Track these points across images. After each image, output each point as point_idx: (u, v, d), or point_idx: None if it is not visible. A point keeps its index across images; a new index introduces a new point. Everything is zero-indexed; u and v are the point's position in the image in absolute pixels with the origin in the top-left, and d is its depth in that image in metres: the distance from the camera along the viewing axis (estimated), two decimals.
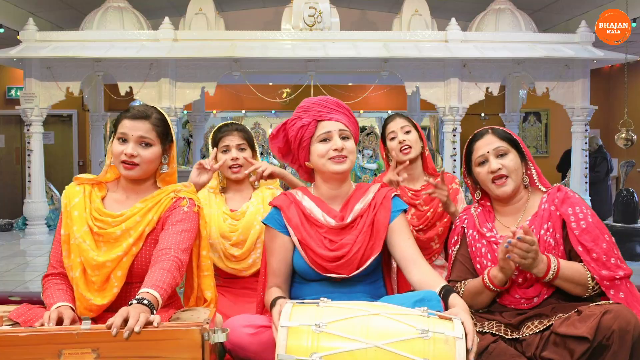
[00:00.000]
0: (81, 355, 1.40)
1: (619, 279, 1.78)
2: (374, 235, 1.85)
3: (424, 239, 2.46)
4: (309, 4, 6.83)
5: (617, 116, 8.72)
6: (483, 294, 1.89)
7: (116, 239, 1.78)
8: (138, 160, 1.80)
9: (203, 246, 1.89)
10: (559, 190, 1.93)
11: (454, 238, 2.07)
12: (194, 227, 1.82)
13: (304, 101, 1.91)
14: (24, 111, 6.73)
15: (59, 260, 1.82)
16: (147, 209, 1.81)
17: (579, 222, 1.83)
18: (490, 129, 1.99)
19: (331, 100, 1.90)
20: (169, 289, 1.62)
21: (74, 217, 1.80)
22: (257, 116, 10.42)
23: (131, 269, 1.78)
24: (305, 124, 1.87)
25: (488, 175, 1.93)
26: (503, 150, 1.93)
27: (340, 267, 1.82)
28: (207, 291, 1.88)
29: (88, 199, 1.83)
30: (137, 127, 1.81)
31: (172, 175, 1.92)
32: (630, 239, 5.65)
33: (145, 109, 1.85)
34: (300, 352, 1.40)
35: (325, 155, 1.83)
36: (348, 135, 1.86)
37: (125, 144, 1.80)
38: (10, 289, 4.57)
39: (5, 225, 7.92)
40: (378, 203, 1.88)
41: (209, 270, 1.90)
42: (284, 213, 1.88)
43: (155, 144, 1.83)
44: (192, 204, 1.85)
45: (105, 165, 1.89)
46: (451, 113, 6.85)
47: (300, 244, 1.84)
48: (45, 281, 1.83)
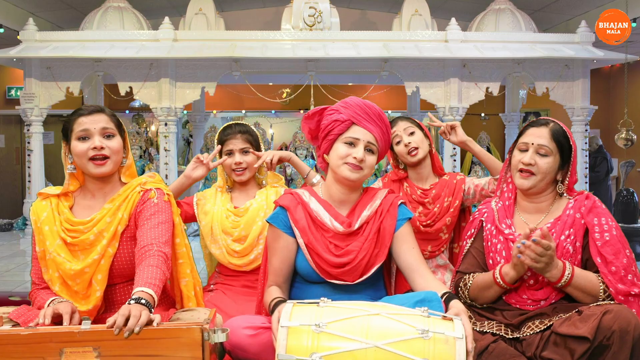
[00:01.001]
0: (82, 353, 1.41)
1: (633, 295, 1.77)
2: (380, 242, 1.84)
3: (432, 231, 2.47)
4: (309, 4, 6.83)
5: (617, 116, 8.72)
6: (491, 289, 1.88)
7: (91, 244, 1.77)
8: (107, 152, 1.79)
9: (177, 234, 1.86)
10: (587, 198, 1.91)
11: (471, 230, 2.06)
12: (169, 218, 1.81)
13: (349, 98, 1.88)
14: (24, 111, 6.73)
15: (40, 277, 1.82)
16: (115, 207, 1.80)
17: (602, 233, 1.82)
18: (552, 122, 1.94)
19: (375, 110, 1.85)
20: (161, 285, 1.62)
21: (46, 232, 1.79)
22: (257, 116, 10.41)
23: (111, 270, 1.77)
24: (340, 119, 1.83)
25: (518, 164, 1.92)
26: (545, 151, 1.89)
27: (344, 274, 1.81)
28: (182, 279, 1.85)
29: (56, 211, 1.82)
30: (97, 119, 1.80)
31: (132, 166, 1.91)
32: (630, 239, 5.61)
33: (95, 105, 1.87)
34: (300, 352, 1.40)
35: (343, 158, 1.81)
36: (374, 150, 1.83)
37: (89, 140, 1.79)
38: (10, 289, 4.56)
39: (5, 225, 7.92)
40: (385, 210, 1.87)
41: (184, 258, 1.87)
42: (291, 214, 1.86)
43: (116, 135, 1.84)
44: (160, 194, 1.84)
45: (66, 178, 1.86)
46: (451, 113, 6.85)
47: (307, 248, 1.83)
48: (32, 294, 1.83)
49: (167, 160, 6.79)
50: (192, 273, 1.88)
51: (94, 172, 1.80)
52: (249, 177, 2.47)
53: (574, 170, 1.94)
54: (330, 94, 6.83)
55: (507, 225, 1.95)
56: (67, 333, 1.43)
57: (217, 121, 10.20)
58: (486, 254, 1.98)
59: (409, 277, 1.83)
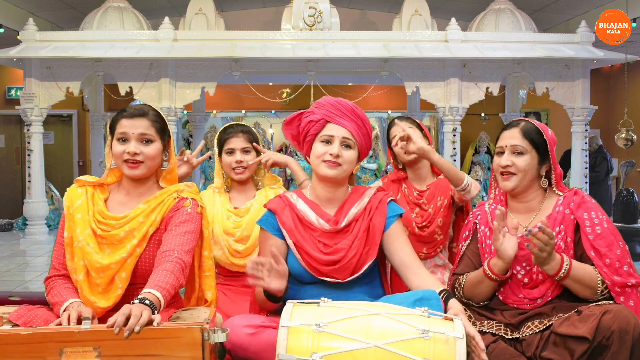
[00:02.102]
0: (83, 353, 1.41)
1: (630, 286, 1.77)
2: (370, 240, 1.85)
3: (426, 233, 2.47)
4: (309, 4, 6.83)
5: (617, 116, 8.72)
6: (483, 283, 1.89)
7: (120, 241, 1.78)
8: (142, 158, 1.80)
9: (205, 246, 1.89)
10: (575, 194, 1.92)
11: (465, 233, 2.08)
12: (197, 228, 1.82)
13: (322, 98, 1.91)
14: (24, 111, 6.73)
15: (61, 263, 1.81)
16: (150, 209, 1.81)
17: (594, 227, 1.83)
18: (523, 122, 1.97)
19: (347, 106, 1.87)
20: (172, 290, 1.63)
21: (77, 220, 1.79)
22: (257, 116, 10.42)
23: (135, 270, 1.78)
24: (314, 119, 1.86)
25: (498, 167, 1.96)
26: (520, 150, 1.92)
27: (335, 272, 1.82)
28: (208, 291, 1.89)
29: (91, 201, 1.83)
30: (137, 124, 1.81)
31: (172, 171, 1.92)
32: (630, 239, 5.66)
33: (142, 107, 1.86)
34: (300, 351, 1.40)
35: (320, 157, 1.84)
36: (351, 144, 1.84)
37: (126, 143, 1.80)
38: (10, 289, 4.56)
39: (5, 225, 7.92)
40: (374, 208, 1.88)
41: (210, 271, 1.90)
42: (278, 216, 1.89)
43: (155, 140, 1.84)
44: (195, 205, 1.85)
45: (106, 169, 1.89)
46: (451, 113, 6.85)
47: (295, 247, 1.84)
48: (49, 282, 1.81)
49: None
50: (215, 285, 1.92)
51: (127, 174, 1.83)
52: (248, 177, 2.48)
53: (555, 164, 1.96)
54: (330, 94, 6.79)
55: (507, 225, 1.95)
56: (67, 333, 1.43)
57: (217, 121, 10.20)
58: (481, 255, 1.99)
59: (403, 274, 1.83)
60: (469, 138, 9.06)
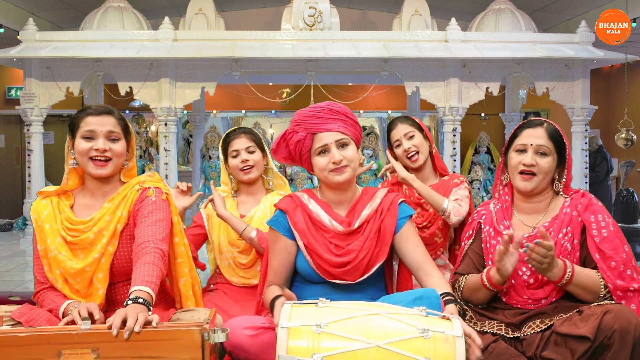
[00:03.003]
0: (81, 355, 1.40)
1: (632, 290, 1.77)
2: (380, 241, 1.84)
3: (427, 235, 2.46)
4: (309, 4, 6.83)
5: (617, 116, 8.72)
6: (480, 291, 1.89)
7: (91, 243, 1.77)
8: (110, 154, 1.79)
9: (175, 233, 1.87)
10: (583, 196, 1.91)
11: (469, 232, 2.06)
12: (167, 216, 1.81)
13: (297, 113, 1.87)
14: (24, 111, 6.73)
15: (44, 276, 1.81)
16: (114, 206, 1.80)
17: (600, 229, 1.83)
18: (546, 122, 1.94)
19: (323, 109, 1.84)
20: (158, 282, 1.62)
21: (46, 231, 1.79)
22: (257, 116, 10.40)
23: (112, 269, 1.77)
24: (301, 138, 1.84)
25: (519, 166, 1.91)
26: (544, 150, 1.89)
27: (346, 273, 1.82)
28: (182, 278, 1.86)
29: (57, 210, 1.82)
30: (104, 122, 1.80)
31: (133, 168, 1.92)
32: (630, 239, 5.61)
33: (106, 106, 1.86)
34: (301, 352, 1.40)
35: (325, 169, 1.82)
36: (347, 141, 1.83)
37: (93, 141, 1.79)
38: (10, 289, 4.56)
39: (5, 225, 7.92)
40: (385, 209, 1.87)
41: (182, 257, 1.87)
42: (290, 217, 1.87)
43: (121, 138, 1.84)
44: (159, 193, 1.84)
45: (65, 173, 1.86)
46: (451, 113, 6.85)
47: (307, 249, 1.83)
48: (38, 296, 1.82)
49: (167, 160, 6.79)
50: (190, 272, 1.88)
51: (93, 173, 1.80)
52: (257, 176, 2.44)
53: (570, 169, 1.95)
54: (330, 94, 6.83)
55: (505, 227, 1.95)
56: (66, 335, 1.42)
57: (217, 121, 10.19)
58: (485, 256, 1.98)
59: (416, 275, 1.85)
60: (469, 138, 9.05)
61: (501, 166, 2.05)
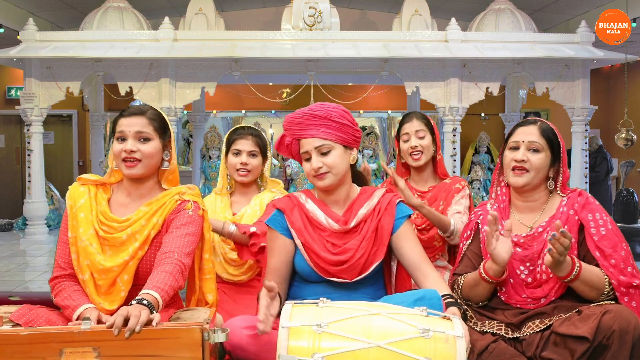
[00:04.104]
0: (82, 354, 1.40)
1: (634, 286, 1.77)
2: (378, 241, 1.85)
3: (426, 238, 2.46)
4: (309, 4, 6.83)
5: (617, 116, 8.72)
6: (480, 285, 1.89)
7: (122, 243, 1.77)
8: (139, 156, 1.78)
9: (206, 249, 1.88)
10: (579, 195, 1.92)
11: (467, 232, 2.07)
12: (198, 231, 1.81)
13: (285, 117, 1.90)
14: (24, 111, 6.73)
15: (67, 262, 1.79)
16: (152, 212, 1.80)
17: (598, 228, 1.83)
18: (540, 121, 1.97)
19: (305, 115, 1.84)
20: (170, 291, 1.62)
21: (80, 219, 1.78)
22: (257, 116, 10.41)
23: (137, 272, 1.77)
24: (288, 142, 1.90)
25: (511, 162, 1.94)
26: (536, 147, 1.91)
27: (343, 272, 1.82)
28: (209, 294, 1.88)
29: (94, 200, 1.82)
30: (134, 122, 1.80)
31: (174, 172, 1.90)
32: (630, 239, 5.61)
33: (140, 106, 1.86)
34: (301, 352, 1.40)
35: (309, 174, 1.85)
36: (328, 148, 1.82)
37: (124, 142, 1.79)
38: (10, 289, 4.56)
39: (5, 225, 7.92)
40: (382, 208, 1.87)
41: (211, 274, 1.89)
42: (288, 216, 1.88)
43: (153, 138, 1.82)
44: (196, 207, 1.84)
45: (109, 169, 1.89)
46: (451, 113, 6.85)
47: (304, 247, 1.84)
48: (55, 283, 1.79)
49: None
50: (215, 288, 1.91)
51: (125, 173, 1.81)
52: (251, 180, 2.47)
53: (565, 167, 1.96)
54: (330, 94, 6.83)
55: (502, 226, 1.95)
56: (67, 333, 1.42)
57: (217, 121, 10.20)
58: (484, 256, 1.98)
59: (413, 275, 1.85)
60: (469, 138, 9.06)
61: (498, 167, 2.07)
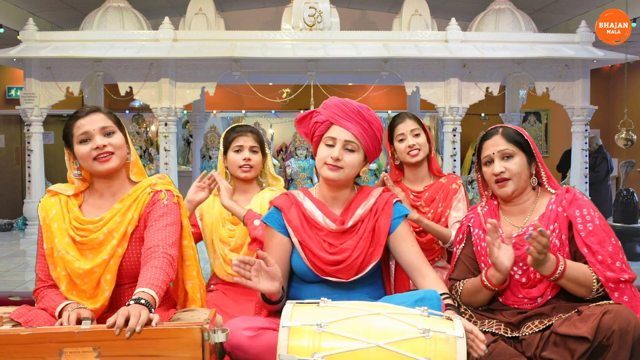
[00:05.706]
0: (82, 353, 1.41)
1: (623, 281, 1.78)
2: (375, 241, 1.85)
3: (425, 240, 2.46)
4: (309, 4, 6.83)
5: (617, 116, 8.72)
6: (481, 292, 1.89)
7: (100, 244, 1.76)
8: (111, 149, 1.78)
9: (184, 236, 1.86)
10: (567, 191, 1.93)
11: (459, 236, 2.08)
12: (177, 219, 1.81)
13: (330, 98, 1.89)
14: (24, 111, 6.72)
15: (47, 274, 1.80)
16: (126, 208, 1.80)
17: (585, 224, 1.84)
18: (501, 128, 1.99)
19: (352, 107, 1.84)
20: (164, 286, 1.62)
21: (54, 230, 1.78)
22: (257, 116, 10.40)
23: (120, 270, 1.77)
24: (319, 121, 1.86)
25: (492, 177, 1.96)
26: (508, 153, 1.93)
27: (339, 272, 1.82)
28: (189, 281, 1.86)
29: (65, 209, 1.81)
30: (95, 119, 1.79)
31: (137, 163, 1.90)
32: (630, 239, 5.64)
33: (90, 106, 1.86)
34: (302, 352, 1.40)
35: (323, 160, 1.83)
36: (355, 148, 1.83)
37: (90, 142, 1.78)
38: (10, 289, 4.56)
39: (5, 225, 7.91)
40: (379, 208, 1.87)
41: (191, 260, 1.87)
42: (285, 214, 1.88)
43: (116, 131, 1.82)
44: (170, 196, 1.83)
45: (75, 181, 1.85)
46: (451, 113, 6.85)
47: (301, 245, 1.84)
48: (38, 293, 1.81)
49: (167, 160, 6.79)
50: (197, 275, 1.88)
51: (100, 170, 1.79)
52: (253, 176, 2.46)
53: (541, 161, 1.98)
54: (330, 94, 6.78)
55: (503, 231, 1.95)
56: (67, 333, 1.43)
57: (217, 121, 10.19)
58: (477, 258, 1.99)
59: (410, 275, 1.85)
60: (469, 138, 9.05)
61: (480, 182, 2.09)
